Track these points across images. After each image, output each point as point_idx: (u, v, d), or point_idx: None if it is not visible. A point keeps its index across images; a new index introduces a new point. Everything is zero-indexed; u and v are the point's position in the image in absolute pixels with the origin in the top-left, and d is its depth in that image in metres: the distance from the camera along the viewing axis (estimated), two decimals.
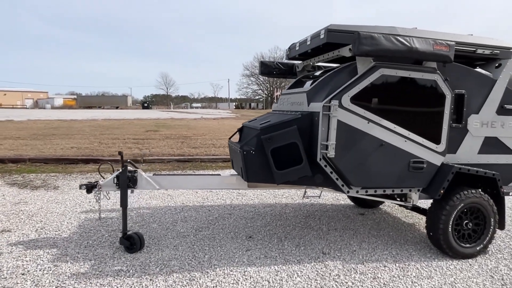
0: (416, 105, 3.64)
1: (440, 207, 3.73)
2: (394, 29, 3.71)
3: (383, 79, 3.50)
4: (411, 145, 3.63)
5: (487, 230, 3.82)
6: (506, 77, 3.99)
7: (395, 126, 3.57)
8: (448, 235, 3.68)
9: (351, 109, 3.43)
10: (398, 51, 3.33)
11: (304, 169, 3.50)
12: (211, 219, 4.78)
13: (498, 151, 4.07)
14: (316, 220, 4.86)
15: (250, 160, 3.63)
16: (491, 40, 4.03)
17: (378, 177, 3.61)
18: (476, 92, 3.92)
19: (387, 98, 3.55)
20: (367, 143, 3.51)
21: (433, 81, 3.62)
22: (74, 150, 10.78)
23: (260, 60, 5.07)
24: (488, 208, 3.78)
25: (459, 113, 3.89)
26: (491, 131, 4.01)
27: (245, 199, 5.84)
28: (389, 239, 4.25)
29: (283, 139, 3.47)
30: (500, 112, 4.01)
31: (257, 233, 4.30)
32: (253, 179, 3.69)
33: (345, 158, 3.48)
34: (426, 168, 3.70)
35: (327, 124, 3.42)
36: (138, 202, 5.44)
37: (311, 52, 4.12)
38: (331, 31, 3.57)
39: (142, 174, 3.86)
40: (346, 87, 3.43)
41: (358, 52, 3.28)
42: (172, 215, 4.87)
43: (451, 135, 3.86)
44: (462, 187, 3.78)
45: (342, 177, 3.57)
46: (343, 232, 4.45)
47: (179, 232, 4.25)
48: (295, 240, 4.14)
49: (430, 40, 3.43)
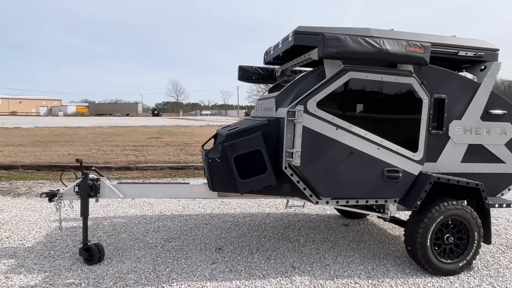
0: (390, 111, 3.42)
1: (418, 220, 3.48)
2: (367, 30, 3.52)
3: (352, 83, 3.30)
4: (384, 153, 3.41)
5: (470, 245, 3.54)
6: (491, 81, 3.74)
7: (366, 132, 3.35)
8: (426, 250, 3.42)
9: (317, 115, 3.24)
10: (367, 53, 3.13)
11: (269, 178, 3.30)
12: (185, 229, 4.60)
13: (483, 159, 3.80)
14: (295, 231, 4.64)
15: (215, 168, 3.47)
16: (475, 41, 3.80)
17: (349, 187, 3.39)
18: (458, 96, 3.67)
19: (357, 103, 3.34)
20: (336, 150, 3.30)
21: (408, 85, 3.40)
22: (70, 157, 10.78)
23: (239, 65, 4.92)
24: (471, 221, 3.50)
25: (439, 119, 3.65)
26: (476, 138, 3.75)
27: (227, 208, 5.66)
28: (368, 253, 4.00)
29: (246, 146, 3.30)
30: (485, 117, 3.75)
31: (228, 245, 4.10)
32: (218, 188, 3.52)
33: (312, 166, 3.27)
34: (402, 177, 3.46)
35: (292, 131, 3.23)
36: (115, 211, 5.31)
37: (283, 56, 3.95)
38: (299, 33, 3.40)
39: (106, 182, 3.72)
40: (312, 92, 3.24)
41: (323, 55, 3.09)
42: (145, 225, 4.72)
43: (431, 142, 3.62)
44: (443, 198, 3.52)
45: (309, 186, 3.36)
46: (320, 244, 4.22)
47: (147, 243, 4.09)
48: (267, 252, 3.93)
49: (403, 41, 3.22)
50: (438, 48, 3.65)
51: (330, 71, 3.30)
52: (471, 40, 3.81)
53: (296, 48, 3.57)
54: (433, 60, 3.83)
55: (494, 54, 3.81)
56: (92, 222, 4.77)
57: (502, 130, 3.80)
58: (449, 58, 3.79)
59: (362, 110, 3.36)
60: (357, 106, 3.35)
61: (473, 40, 3.82)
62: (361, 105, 3.36)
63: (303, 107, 3.20)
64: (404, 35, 3.59)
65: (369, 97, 3.36)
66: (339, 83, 3.27)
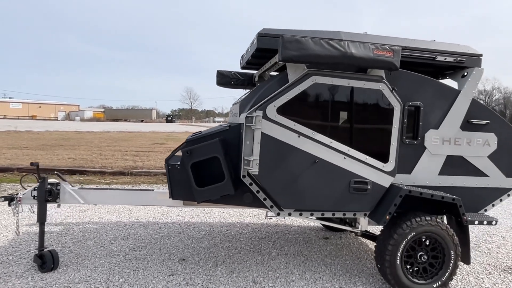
0: (358, 118, 3.21)
1: (387, 236, 3.24)
2: (337, 33, 3.34)
3: (316, 88, 3.12)
4: (351, 163, 3.19)
5: (446, 264, 3.27)
6: (471, 88, 3.49)
7: (331, 141, 3.15)
8: (396, 269, 3.17)
9: (277, 121, 3.06)
10: (330, 57, 2.95)
11: (226, 187, 3.13)
12: (155, 237, 4.46)
13: (464, 172, 3.54)
14: (270, 243, 4.43)
15: (175, 176, 3.33)
16: (456, 46, 3.57)
17: (312, 199, 3.18)
18: (435, 104, 3.44)
19: (321, 109, 3.16)
20: (297, 159, 3.11)
21: (378, 91, 3.20)
22: (70, 160, 10.87)
23: (217, 70, 4.80)
24: (447, 239, 3.24)
25: (414, 127, 3.42)
26: (455, 149, 3.49)
27: (206, 216, 5.50)
28: (341, 269, 3.76)
29: (203, 153, 3.14)
30: (465, 127, 3.50)
31: (195, 256, 3.93)
32: (178, 196, 3.38)
33: (272, 175, 3.09)
34: (371, 189, 3.24)
35: (251, 137, 3.07)
36: (91, 216, 5.22)
37: (256, 60, 3.81)
38: (263, 35, 3.25)
39: (66, 187, 3.63)
40: (273, 97, 3.07)
41: (282, 58, 2.93)
42: (117, 231, 4.60)
43: (404, 152, 3.38)
44: (416, 213, 3.27)
45: (270, 197, 3.17)
46: (292, 258, 4.00)
47: (111, 251, 3.96)
48: (233, 265, 3.74)
49: (370, 44, 3.03)
50: (414, 52, 3.44)
51: (293, 76, 3.14)
52: (452, 45, 3.57)
53: (268, 52, 3.42)
54: (412, 66, 3.63)
55: (476, 59, 3.56)
56: (64, 227, 4.69)
57: (485, 141, 3.53)
58: (429, 64, 3.57)
59: (327, 117, 3.17)
60: (322, 112, 3.16)
61: (455, 45, 3.59)
62: (326, 112, 3.17)
63: (262, 112, 3.03)
64: (377, 38, 3.40)
65: (334, 103, 3.17)
66: (302, 88, 3.09)
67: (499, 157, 3.58)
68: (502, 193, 3.64)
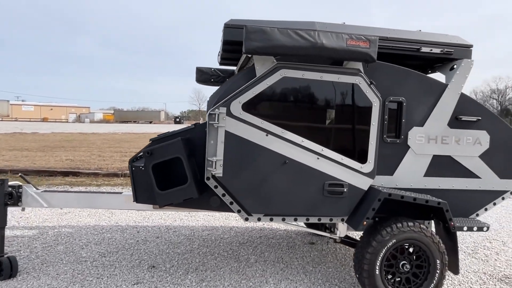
0: (332, 115, 2.96)
1: (366, 243, 2.97)
2: (312, 24, 3.09)
3: (286, 82, 2.87)
4: (325, 163, 2.94)
5: (431, 274, 2.98)
6: (460, 81, 3.19)
7: (303, 140, 2.90)
8: (375, 279, 2.90)
9: (243, 118, 2.83)
10: (298, 48, 2.71)
11: (189, 190, 2.91)
12: (130, 242, 4.26)
13: (453, 173, 3.24)
14: (250, 249, 4.19)
15: (139, 178, 3.12)
16: (443, 37, 3.28)
17: (282, 202, 2.94)
18: (419, 99, 3.16)
19: (292, 105, 2.91)
20: (265, 160, 2.87)
21: (354, 85, 2.94)
22: (67, 162, 10.79)
23: (196, 67, 4.58)
24: (432, 246, 2.95)
25: (396, 125, 3.14)
26: (442, 148, 3.20)
27: (190, 219, 5.28)
28: (321, 277, 3.50)
29: (164, 153, 2.93)
30: (453, 124, 3.21)
31: (167, 262, 3.72)
32: (142, 199, 3.17)
33: (237, 177, 2.86)
34: (348, 192, 2.98)
35: (215, 137, 2.84)
36: (70, 220, 5.06)
37: (227, 55, 3.58)
38: (229, 26, 3.02)
39: (28, 190, 3.45)
40: (238, 92, 2.83)
41: (246, 49, 2.69)
42: (91, 236, 4.41)
43: (385, 152, 3.11)
44: (397, 219, 2.99)
45: (236, 200, 2.94)
46: (271, 265, 3.75)
47: (80, 257, 3.77)
48: (205, 273, 3.51)
49: (344, 34, 2.77)
50: (397, 44, 3.16)
51: (261, 69, 2.89)
52: (440, 35, 3.29)
53: (239, 45, 3.17)
54: (396, 58, 3.36)
55: (466, 51, 3.27)
56: (38, 231, 4.53)
57: (476, 139, 3.23)
58: (415, 56, 3.29)
59: (298, 114, 2.92)
60: (292, 109, 2.91)
61: (442, 35, 3.30)
62: (297, 108, 2.92)
63: (225, 109, 2.80)
64: (356, 29, 3.13)
65: (306, 99, 2.92)
66: (269, 83, 2.85)
67: (492, 157, 3.28)
68: (495, 196, 3.33)
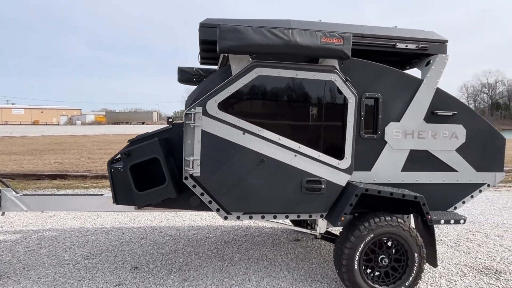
0: (308, 112, 2.97)
1: (344, 238, 3.00)
2: (288, 22, 3.10)
3: (261, 80, 2.88)
4: (303, 160, 2.96)
5: (410, 268, 3.02)
6: (435, 76, 3.23)
7: (280, 137, 2.92)
8: (354, 274, 2.93)
9: (219, 118, 2.84)
10: (272, 46, 2.72)
11: (167, 191, 2.91)
12: (115, 244, 4.25)
13: (430, 167, 3.29)
14: (234, 247, 4.20)
15: (117, 179, 3.11)
16: (419, 32, 3.31)
17: (261, 200, 2.95)
18: (395, 95, 3.19)
19: (268, 104, 2.92)
20: (243, 158, 2.88)
21: (330, 82, 2.96)
22: (55, 165, 10.71)
23: (178, 67, 4.57)
24: (410, 240, 2.99)
25: (373, 121, 3.17)
26: (419, 142, 3.24)
27: (177, 220, 5.28)
28: (304, 274, 3.53)
29: (141, 154, 2.92)
30: (430, 119, 3.25)
31: (150, 263, 3.71)
32: (122, 201, 3.16)
33: (215, 176, 2.86)
34: (326, 189, 3.00)
35: (192, 136, 2.84)
36: (54, 223, 5.02)
37: (206, 54, 3.58)
38: (205, 26, 3.02)
39: (8, 194, 3.42)
40: (214, 92, 2.84)
41: (220, 49, 2.70)
42: (76, 239, 4.39)
43: (363, 148, 3.14)
44: (375, 214, 3.02)
45: (215, 199, 2.94)
46: (255, 263, 3.77)
47: (62, 260, 3.75)
48: (188, 273, 3.52)
49: (318, 32, 2.79)
50: (373, 40, 3.19)
51: (237, 68, 2.90)
52: (415, 31, 3.32)
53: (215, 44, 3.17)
54: (373, 55, 3.39)
55: (441, 46, 3.31)
56: (22, 235, 4.50)
57: (452, 133, 3.28)
58: (392, 53, 3.32)
59: (274, 112, 2.94)
60: (269, 107, 2.93)
61: (418, 31, 3.34)
62: (274, 106, 2.93)
63: (201, 109, 2.81)
64: (332, 26, 3.15)
65: (283, 97, 2.94)
66: (245, 81, 2.86)
67: (469, 150, 3.33)
68: (473, 189, 3.38)
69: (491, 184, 3.42)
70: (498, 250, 4.26)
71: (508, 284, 3.40)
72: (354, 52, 3.25)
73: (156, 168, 3.04)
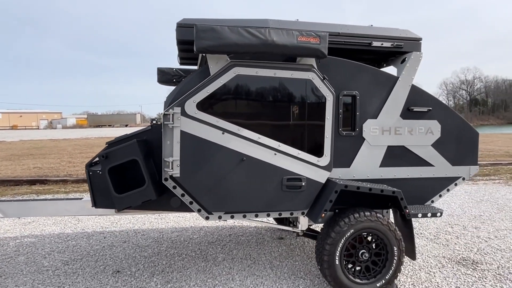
0: (287, 111, 3.00)
1: (325, 234, 3.04)
2: (265, 21, 3.12)
3: (240, 80, 2.89)
4: (283, 159, 2.98)
5: (389, 261, 3.08)
6: (410, 74, 3.31)
7: (259, 136, 2.93)
8: (335, 269, 2.97)
9: (198, 118, 2.83)
10: (249, 46, 2.73)
11: (147, 192, 2.89)
12: (96, 248, 4.18)
13: (407, 162, 3.36)
14: (218, 247, 4.19)
15: (96, 182, 3.07)
16: (393, 31, 3.38)
17: (242, 199, 2.96)
18: (372, 92, 3.25)
19: (247, 103, 2.93)
20: (223, 158, 2.88)
21: (307, 81, 2.99)
22: (34, 170, 10.45)
23: (157, 67, 4.53)
24: (389, 234, 3.05)
25: (351, 118, 3.22)
26: (396, 139, 3.31)
27: (160, 222, 5.23)
28: (287, 271, 3.55)
29: (120, 156, 2.89)
30: (406, 115, 3.32)
31: (132, 266, 3.67)
32: (101, 204, 3.12)
33: (195, 177, 2.86)
34: (306, 186, 3.03)
35: (171, 137, 2.82)
36: (33, 229, 4.90)
37: (184, 54, 3.57)
38: (182, 26, 3.00)
39: None
40: (192, 92, 2.83)
41: (197, 48, 2.69)
42: (55, 244, 4.30)
43: (342, 145, 3.19)
44: (355, 209, 3.07)
45: (195, 200, 2.93)
46: (238, 262, 3.77)
47: (42, 266, 3.67)
48: (171, 274, 3.49)
49: (294, 31, 2.82)
50: (349, 39, 3.24)
51: (215, 68, 2.90)
52: (390, 30, 3.39)
53: (186, 44, 3.15)
54: (350, 53, 3.44)
55: (416, 44, 3.39)
56: None
57: (428, 129, 3.36)
58: (368, 51, 3.38)
59: (254, 111, 2.95)
60: (248, 106, 2.94)
61: (393, 29, 3.41)
62: (253, 106, 2.94)
63: (180, 109, 2.79)
64: (309, 25, 3.19)
65: (261, 96, 2.95)
66: (223, 81, 2.86)
67: (444, 145, 3.42)
68: (449, 183, 3.48)
69: (466, 178, 3.52)
70: (475, 242, 4.40)
71: (484, 274, 3.51)
72: (331, 51, 3.31)
73: (135, 170, 3.01)
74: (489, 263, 3.75)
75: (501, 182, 8.24)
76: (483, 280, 3.39)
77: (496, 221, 5.26)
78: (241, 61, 2.89)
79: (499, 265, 3.70)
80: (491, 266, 3.69)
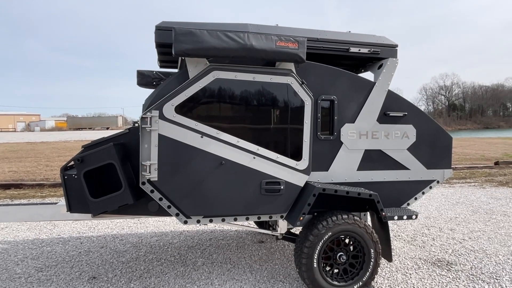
0: (266, 115, 3.02)
1: (304, 237, 3.06)
2: (245, 26, 3.14)
3: (219, 83, 2.89)
4: (261, 162, 2.99)
5: (366, 263, 3.13)
6: (387, 79, 3.39)
7: (238, 140, 2.94)
8: (313, 272, 2.99)
9: (177, 121, 2.81)
10: (228, 49, 2.74)
11: (124, 196, 2.84)
12: (72, 254, 4.08)
13: (384, 166, 3.43)
14: (198, 252, 4.16)
15: (71, 187, 3.00)
16: (370, 37, 3.46)
17: (221, 203, 2.95)
18: (350, 97, 3.31)
19: (226, 107, 2.93)
20: (201, 162, 2.87)
21: (286, 85, 3.02)
22: (9, 174, 10.12)
23: (137, 70, 4.48)
24: (366, 237, 3.10)
25: (329, 122, 3.27)
26: (373, 143, 3.38)
27: (140, 226, 5.15)
28: (267, 275, 3.55)
29: (96, 159, 2.84)
30: (382, 120, 3.39)
31: (109, 272, 3.60)
32: (76, 209, 3.05)
33: (173, 181, 2.83)
34: (285, 190, 3.05)
35: (148, 140, 2.80)
36: (6, 235, 4.74)
37: (164, 57, 3.54)
38: (160, 29, 2.98)
39: None
40: (171, 95, 2.81)
41: (175, 52, 2.68)
42: (28, 251, 4.17)
43: (320, 149, 3.23)
44: (333, 212, 3.11)
45: (173, 204, 2.91)
46: (218, 266, 3.75)
47: (13, 274, 3.55)
48: (149, 280, 3.44)
49: (273, 36, 2.84)
50: (327, 44, 3.29)
51: (194, 71, 2.89)
52: (367, 36, 3.47)
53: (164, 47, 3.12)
54: (328, 59, 3.50)
55: (392, 50, 3.47)
56: None
57: (403, 133, 3.44)
58: (346, 56, 3.44)
59: (232, 115, 2.95)
60: (227, 110, 2.94)
61: (370, 36, 3.49)
62: (232, 109, 2.95)
63: (158, 112, 2.77)
64: (288, 30, 3.23)
65: (240, 100, 2.96)
66: (202, 85, 2.85)
67: (419, 149, 3.51)
68: (424, 186, 3.56)
69: (440, 181, 3.62)
70: (450, 243, 4.51)
71: (458, 275, 3.60)
72: (310, 56, 3.36)
73: (112, 174, 2.96)
74: (463, 264, 3.86)
75: (476, 185, 8.50)
76: (457, 280, 3.48)
77: (471, 223, 5.42)
78: (220, 65, 2.90)
79: (472, 266, 3.81)
80: (464, 266, 3.80)
